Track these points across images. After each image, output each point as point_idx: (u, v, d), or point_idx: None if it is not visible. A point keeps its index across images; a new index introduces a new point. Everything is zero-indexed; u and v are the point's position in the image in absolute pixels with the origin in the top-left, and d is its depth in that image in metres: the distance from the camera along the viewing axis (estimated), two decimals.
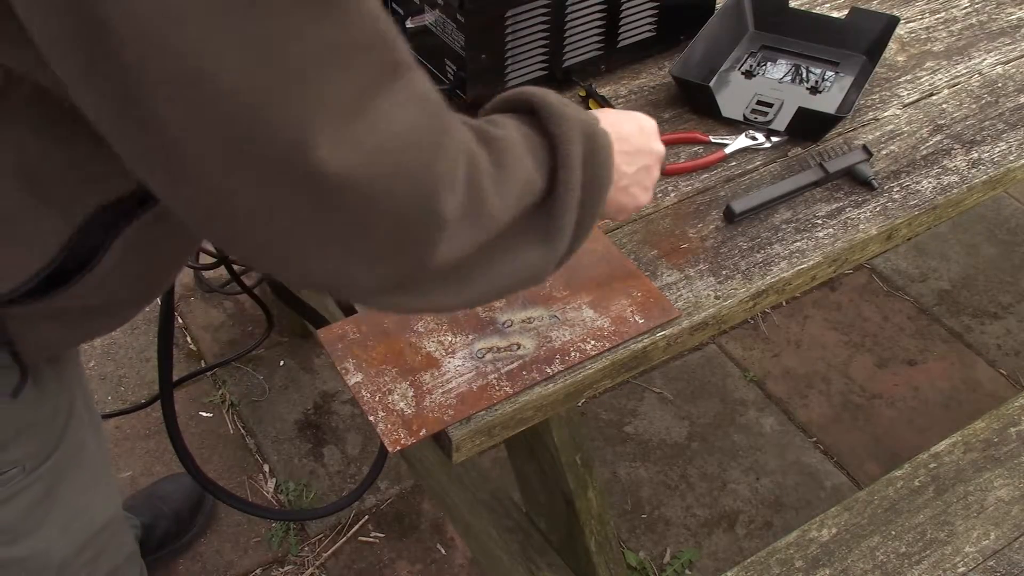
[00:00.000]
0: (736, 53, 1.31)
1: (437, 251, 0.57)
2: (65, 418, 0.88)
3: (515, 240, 0.65)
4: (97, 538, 1.01)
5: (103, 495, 1.02)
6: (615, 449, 1.84)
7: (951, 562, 1.13)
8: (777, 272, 1.00)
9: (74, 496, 0.94)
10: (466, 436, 0.84)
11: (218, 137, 0.47)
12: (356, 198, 0.51)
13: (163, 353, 1.14)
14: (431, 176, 0.54)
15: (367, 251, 0.55)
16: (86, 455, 0.95)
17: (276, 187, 0.49)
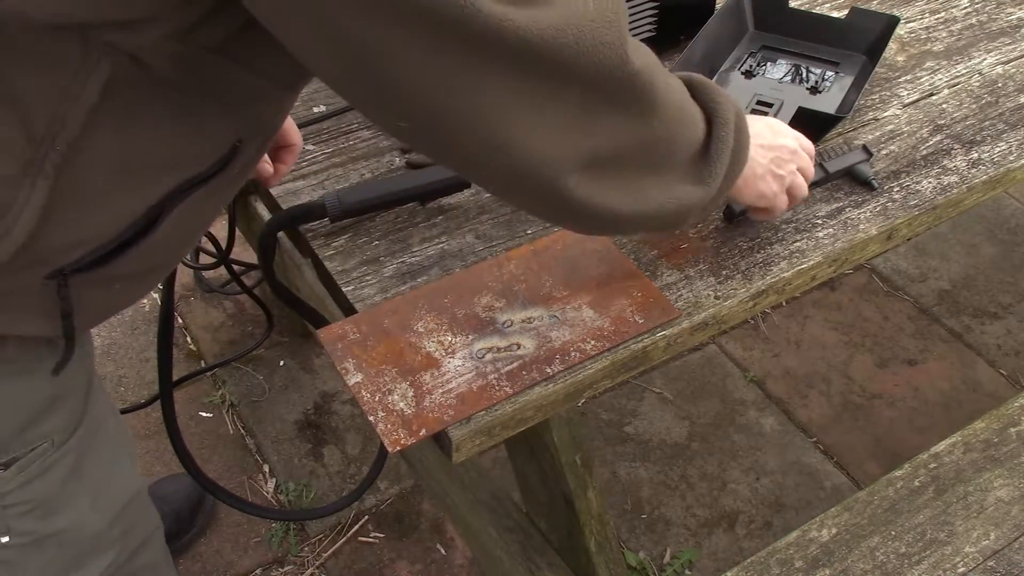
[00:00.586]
0: (736, 53, 1.31)
1: (631, 103, 0.69)
2: (85, 391, 0.90)
3: (680, 173, 0.78)
4: (125, 511, 1.02)
5: (127, 469, 1.03)
6: (615, 449, 1.84)
7: (951, 562, 1.13)
8: (777, 272, 1.00)
9: (100, 469, 0.96)
10: (466, 436, 0.84)
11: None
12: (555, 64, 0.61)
13: (163, 353, 1.14)
14: (621, 46, 0.64)
15: (570, 113, 0.64)
16: (107, 428, 0.97)
17: (488, 62, 0.58)
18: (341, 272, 0.98)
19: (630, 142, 0.71)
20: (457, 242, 1.02)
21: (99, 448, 0.95)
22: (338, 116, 1.19)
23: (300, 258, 1.13)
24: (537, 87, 0.61)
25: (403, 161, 1.13)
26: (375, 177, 1.11)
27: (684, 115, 0.77)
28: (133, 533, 1.06)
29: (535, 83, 0.61)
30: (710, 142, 0.79)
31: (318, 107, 1.21)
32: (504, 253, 1.00)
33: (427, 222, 1.04)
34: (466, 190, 1.06)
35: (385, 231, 1.03)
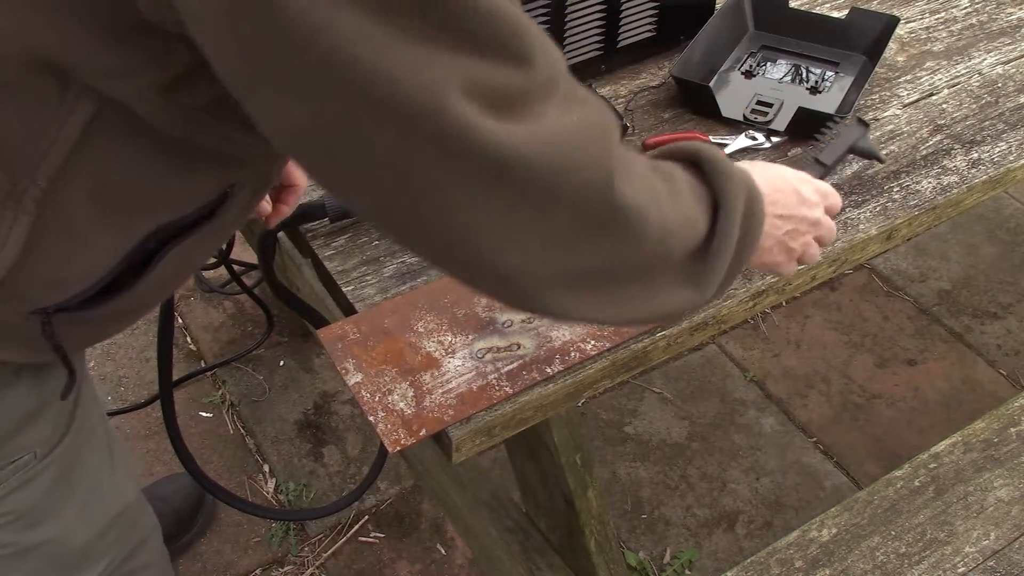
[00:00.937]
0: (736, 53, 1.31)
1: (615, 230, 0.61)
2: (73, 401, 0.89)
3: (672, 275, 0.68)
4: (117, 522, 1.01)
5: (118, 479, 1.02)
6: (615, 449, 1.84)
7: (951, 562, 1.13)
8: None
9: (88, 480, 0.95)
10: (466, 436, 0.84)
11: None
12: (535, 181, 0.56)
13: (163, 353, 1.14)
14: (606, 165, 0.58)
15: (549, 233, 0.59)
16: (96, 439, 0.96)
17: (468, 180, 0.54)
18: (341, 272, 0.98)
19: (616, 261, 0.64)
20: None
21: (87, 459, 0.94)
22: None
23: (300, 258, 1.13)
24: (521, 206, 0.57)
25: None
26: None
27: (682, 226, 0.67)
28: (127, 540, 1.05)
29: (519, 202, 0.57)
30: (712, 238, 0.69)
31: None
32: None
33: None
34: None
35: None
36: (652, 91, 1.25)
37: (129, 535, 1.06)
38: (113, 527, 1.01)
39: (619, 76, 1.27)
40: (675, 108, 1.22)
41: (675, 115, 1.21)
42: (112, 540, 1.01)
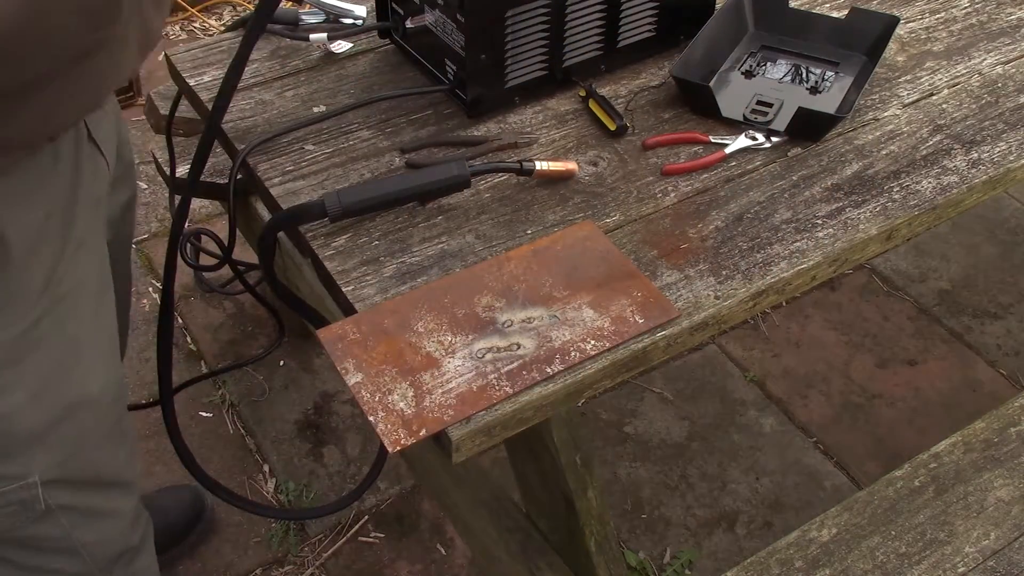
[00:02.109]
0: (736, 53, 1.31)
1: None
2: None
3: None
4: (77, 414, 0.96)
5: (94, 369, 0.98)
6: (615, 449, 1.84)
7: (951, 562, 1.13)
8: (777, 272, 1.00)
9: (51, 364, 0.91)
10: (466, 436, 0.84)
11: None
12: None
13: (163, 353, 1.14)
14: None
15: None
16: (75, 324, 0.93)
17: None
18: (341, 272, 0.98)
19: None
20: (457, 242, 1.02)
21: (56, 341, 0.90)
22: (338, 116, 1.19)
23: (300, 258, 1.13)
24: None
25: (403, 161, 1.13)
26: (375, 177, 1.11)
27: None
28: (90, 448, 1.00)
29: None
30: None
31: (318, 107, 1.21)
32: (504, 253, 1.00)
33: (427, 222, 1.04)
34: (466, 190, 1.06)
35: (385, 231, 1.03)
36: (652, 91, 1.25)
37: (94, 443, 1.00)
38: (70, 419, 0.95)
39: (619, 76, 1.27)
40: (675, 108, 1.22)
41: (675, 115, 1.21)
42: (69, 435, 0.96)
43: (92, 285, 0.97)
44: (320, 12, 1.33)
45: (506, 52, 1.15)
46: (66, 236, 0.91)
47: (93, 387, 0.98)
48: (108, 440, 1.04)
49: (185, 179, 1.01)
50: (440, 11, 1.14)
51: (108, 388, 1.01)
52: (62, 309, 0.91)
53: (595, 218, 1.05)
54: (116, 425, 1.05)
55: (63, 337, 0.93)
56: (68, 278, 0.91)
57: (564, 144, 1.16)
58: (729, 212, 1.07)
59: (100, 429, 1.02)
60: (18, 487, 0.94)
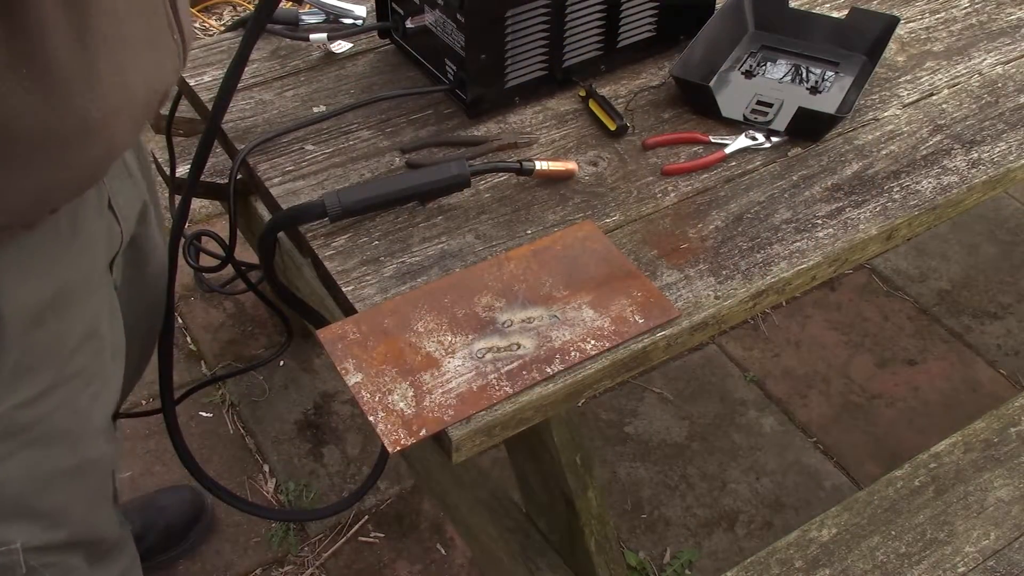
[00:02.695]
0: (736, 53, 1.31)
1: None
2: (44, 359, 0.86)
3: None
4: (69, 484, 0.96)
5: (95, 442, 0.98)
6: (615, 449, 1.84)
7: (951, 562, 1.13)
8: (777, 272, 1.00)
9: (52, 436, 0.91)
10: (466, 436, 0.84)
11: None
12: None
13: (163, 353, 1.14)
14: None
15: None
16: (86, 399, 0.92)
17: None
18: (341, 272, 0.98)
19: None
20: (457, 242, 1.02)
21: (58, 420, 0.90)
22: (338, 116, 1.19)
23: (300, 258, 1.13)
24: None
25: (403, 161, 1.13)
26: (375, 177, 1.11)
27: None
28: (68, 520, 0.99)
29: None
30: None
31: (318, 107, 1.21)
32: (504, 253, 1.00)
33: (427, 222, 1.04)
34: (466, 190, 1.06)
35: (385, 231, 1.03)
36: (652, 91, 1.25)
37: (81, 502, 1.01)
38: (60, 488, 0.96)
39: (619, 76, 1.27)
40: (675, 108, 1.22)
41: (675, 115, 1.21)
42: (59, 502, 0.97)
43: (105, 358, 0.96)
44: (320, 12, 1.33)
45: (506, 52, 1.15)
46: (77, 311, 0.90)
47: (90, 455, 0.99)
48: (93, 505, 1.05)
49: (185, 179, 1.01)
50: (440, 11, 1.14)
51: (104, 458, 1.02)
52: (72, 385, 0.91)
53: (595, 218, 1.05)
54: (104, 487, 1.06)
55: (69, 409, 0.92)
56: (81, 353, 0.90)
57: (564, 144, 1.16)
58: (729, 212, 1.07)
59: (89, 494, 1.02)
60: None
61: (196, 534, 1.65)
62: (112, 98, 0.75)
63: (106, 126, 0.75)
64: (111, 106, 0.75)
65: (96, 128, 0.74)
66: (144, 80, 0.79)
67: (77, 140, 0.74)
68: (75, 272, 0.88)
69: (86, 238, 0.88)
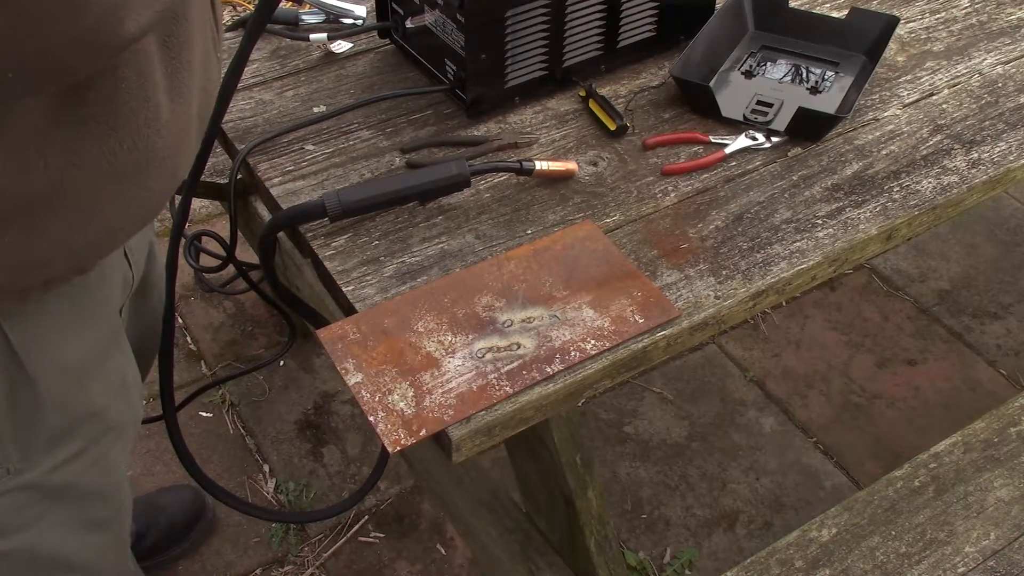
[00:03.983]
0: (736, 53, 1.31)
1: None
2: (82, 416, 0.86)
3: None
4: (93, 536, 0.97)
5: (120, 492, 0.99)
6: (615, 449, 1.84)
7: (951, 562, 1.13)
8: (777, 272, 1.00)
9: (86, 493, 0.92)
10: (466, 436, 0.84)
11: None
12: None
13: (163, 353, 1.14)
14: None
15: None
16: (115, 453, 0.92)
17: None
18: (341, 272, 0.98)
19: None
20: (457, 242, 1.02)
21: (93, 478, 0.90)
22: (338, 116, 1.19)
23: (300, 258, 1.13)
24: None
25: (403, 161, 1.13)
26: (375, 177, 1.11)
27: None
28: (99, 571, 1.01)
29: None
30: None
31: (318, 107, 1.21)
32: (504, 253, 1.00)
33: (427, 222, 1.04)
34: (466, 190, 1.06)
35: (385, 231, 1.03)
36: (652, 91, 1.25)
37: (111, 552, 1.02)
38: (92, 542, 0.97)
39: (619, 76, 1.27)
40: (675, 108, 1.22)
41: (675, 115, 1.21)
42: (91, 556, 0.98)
43: (132, 408, 0.95)
44: (320, 12, 1.33)
45: (506, 52, 1.15)
46: (111, 365, 0.89)
47: (116, 503, 1.00)
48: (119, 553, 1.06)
49: (185, 179, 1.01)
50: (440, 11, 1.14)
51: (125, 499, 1.02)
52: (105, 440, 0.90)
53: (595, 218, 1.05)
54: (126, 532, 1.06)
55: (102, 466, 0.92)
56: (114, 408, 0.90)
57: (564, 144, 1.16)
58: (729, 212, 1.07)
59: (115, 544, 1.03)
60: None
61: (197, 534, 1.65)
62: (176, 124, 0.71)
63: (172, 154, 0.72)
64: (174, 137, 0.72)
65: (164, 157, 0.71)
66: (199, 100, 0.76)
67: (141, 174, 0.70)
68: (104, 325, 0.86)
69: (110, 288, 0.86)
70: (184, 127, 0.74)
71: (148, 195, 0.73)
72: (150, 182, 0.72)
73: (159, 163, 0.71)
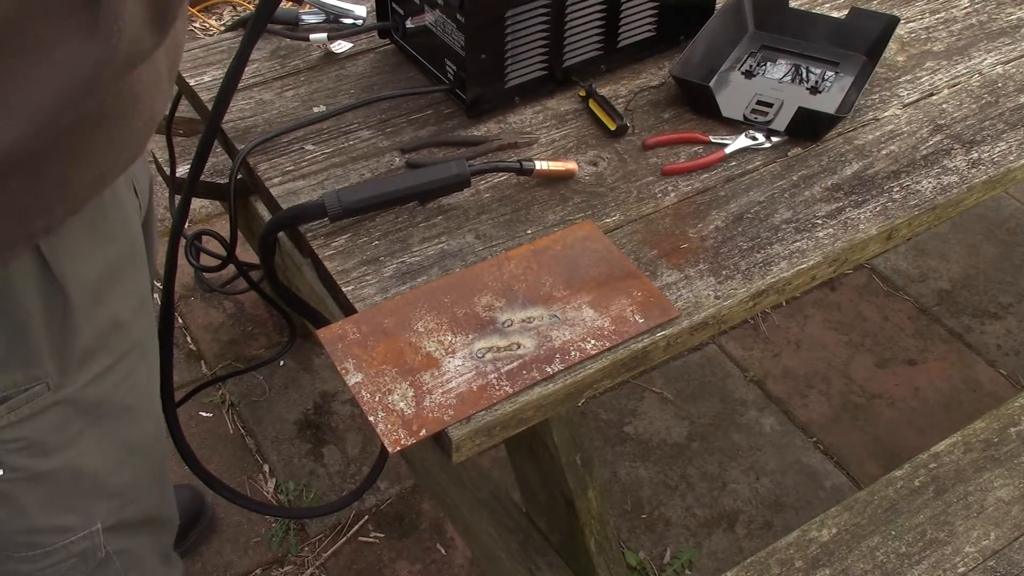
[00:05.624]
0: (736, 53, 1.31)
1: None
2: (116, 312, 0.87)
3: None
4: (133, 458, 0.99)
5: (151, 412, 1.01)
6: (615, 449, 1.84)
7: (951, 562, 1.13)
8: (777, 272, 1.00)
9: (118, 411, 0.93)
10: (466, 436, 0.84)
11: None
12: None
13: (163, 353, 1.14)
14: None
15: None
16: (142, 370, 0.94)
17: None
18: (341, 272, 0.98)
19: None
20: (457, 242, 1.02)
21: (115, 395, 0.91)
22: (338, 116, 1.19)
23: (300, 258, 1.13)
24: None
25: (403, 161, 1.13)
26: (375, 177, 1.11)
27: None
28: (142, 482, 1.03)
29: None
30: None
31: (318, 107, 1.21)
32: (504, 253, 1.00)
33: (427, 222, 1.04)
34: (466, 190, 1.06)
35: (385, 231, 1.03)
36: (652, 91, 1.25)
37: (146, 477, 1.03)
38: (129, 464, 0.98)
39: (619, 76, 1.27)
40: (675, 108, 1.22)
41: (675, 115, 1.21)
42: (128, 479, 0.99)
43: (152, 328, 0.98)
44: (320, 12, 1.33)
45: (506, 52, 1.15)
46: (129, 282, 0.91)
47: (149, 428, 1.01)
48: (156, 481, 1.07)
49: (185, 179, 1.01)
50: (440, 11, 1.14)
51: (160, 430, 1.04)
52: (131, 357, 0.92)
53: (595, 218, 1.05)
54: (162, 464, 1.08)
55: (130, 383, 0.94)
56: (136, 325, 0.92)
57: (564, 144, 1.16)
58: (729, 212, 1.07)
59: (151, 470, 1.05)
60: (82, 536, 0.96)
61: (196, 534, 1.65)
62: (151, 71, 0.75)
63: (150, 96, 0.76)
64: (152, 79, 0.76)
65: (142, 99, 0.75)
66: (167, 54, 0.80)
67: (128, 116, 0.75)
68: (122, 244, 0.89)
69: (124, 211, 0.89)
70: (158, 69, 0.77)
71: (132, 136, 0.77)
72: (134, 123, 0.76)
73: (142, 105, 0.75)
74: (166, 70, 0.81)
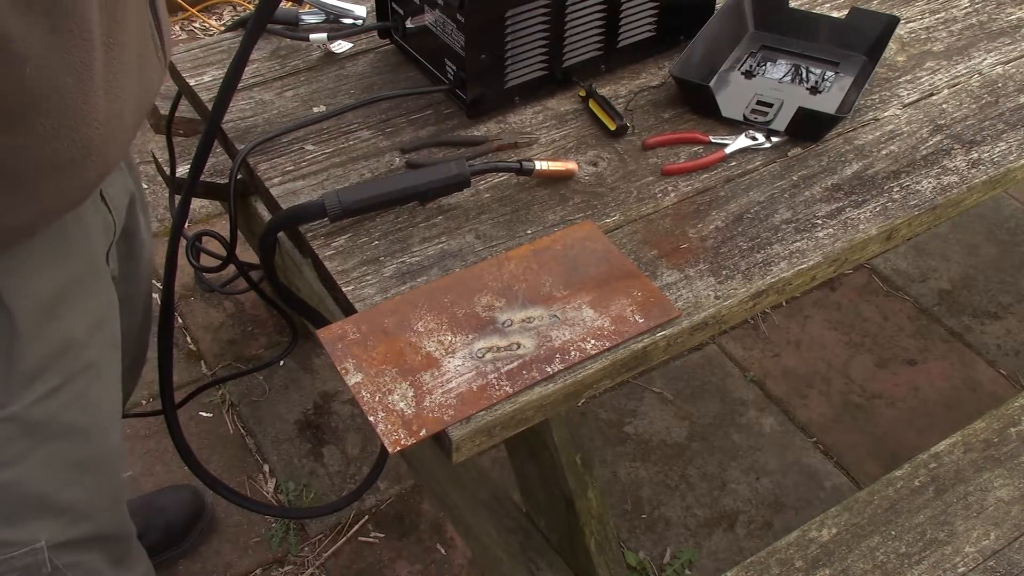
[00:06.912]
0: (736, 53, 1.31)
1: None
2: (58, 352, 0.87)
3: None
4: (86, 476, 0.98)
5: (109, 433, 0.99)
6: (615, 449, 1.84)
7: (951, 562, 1.13)
8: (777, 272, 1.00)
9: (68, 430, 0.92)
10: (466, 436, 0.84)
11: None
12: None
13: (163, 353, 1.14)
14: None
15: None
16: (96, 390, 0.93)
17: None
18: (341, 272, 0.98)
19: None
20: (457, 242, 1.02)
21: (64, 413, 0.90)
22: (338, 116, 1.19)
23: (300, 258, 1.13)
24: None
25: (403, 161, 1.13)
26: (375, 177, 1.11)
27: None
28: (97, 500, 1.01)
29: None
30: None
31: (318, 107, 1.21)
32: (504, 253, 1.00)
33: (427, 222, 1.04)
34: (466, 190, 1.06)
35: (385, 231, 1.03)
36: (652, 91, 1.25)
37: (100, 495, 1.02)
38: (80, 482, 0.97)
39: (619, 76, 1.27)
40: (675, 108, 1.22)
41: (675, 115, 1.21)
42: (80, 496, 0.98)
43: (112, 348, 0.97)
44: (320, 12, 1.33)
45: (506, 52, 1.15)
46: (85, 302, 0.90)
47: (104, 447, 1.00)
48: (110, 498, 1.05)
49: (185, 179, 1.01)
50: (440, 11, 1.14)
51: (117, 451, 1.03)
52: (84, 377, 0.92)
53: (595, 218, 1.05)
54: (119, 482, 1.07)
55: (82, 403, 0.93)
56: (91, 344, 0.91)
57: (564, 144, 1.16)
58: (729, 212, 1.07)
59: (106, 487, 1.03)
60: (24, 552, 0.94)
61: (196, 534, 1.65)
62: (110, 124, 0.77)
63: (104, 149, 0.78)
64: (109, 132, 0.77)
65: (95, 152, 0.77)
66: (135, 102, 0.82)
67: (78, 166, 0.77)
68: (79, 264, 0.89)
69: (85, 230, 0.89)
70: (119, 122, 0.80)
71: (83, 183, 0.80)
72: (87, 172, 0.79)
73: (95, 155, 0.78)
74: (131, 120, 0.82)
